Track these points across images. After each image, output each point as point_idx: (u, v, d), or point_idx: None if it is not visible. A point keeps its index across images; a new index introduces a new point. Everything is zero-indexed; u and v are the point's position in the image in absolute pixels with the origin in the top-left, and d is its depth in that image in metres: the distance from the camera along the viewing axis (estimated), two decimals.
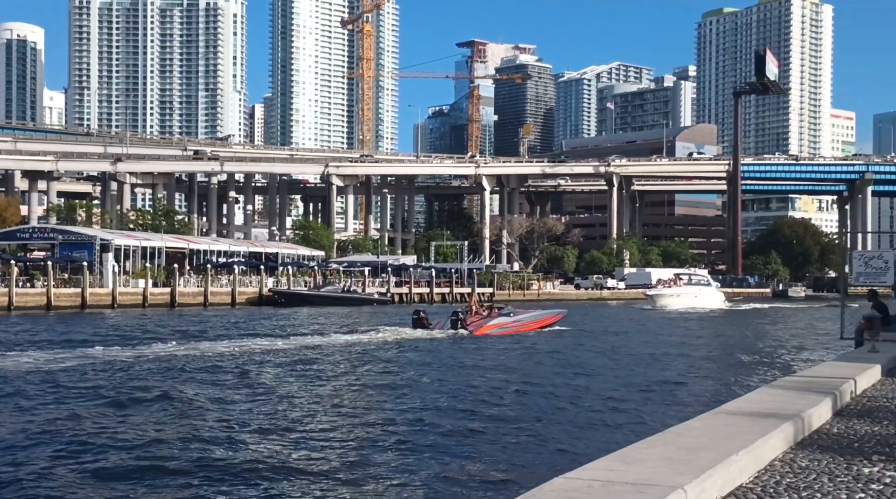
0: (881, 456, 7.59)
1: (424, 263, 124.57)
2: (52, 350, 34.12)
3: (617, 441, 13.99)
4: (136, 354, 32.97)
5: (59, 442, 16.70)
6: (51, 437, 17.19)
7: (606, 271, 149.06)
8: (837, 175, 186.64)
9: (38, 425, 18.38)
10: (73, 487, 13.79)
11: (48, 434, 17.45)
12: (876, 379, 13.15)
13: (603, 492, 5.19)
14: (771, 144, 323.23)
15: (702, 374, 30.74)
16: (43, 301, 68.39)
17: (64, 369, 28.04)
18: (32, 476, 14.23)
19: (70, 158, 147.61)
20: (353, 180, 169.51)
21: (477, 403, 22.26)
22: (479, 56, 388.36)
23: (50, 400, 21.95)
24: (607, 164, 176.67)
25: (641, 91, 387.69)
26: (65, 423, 18.66)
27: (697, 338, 50.02)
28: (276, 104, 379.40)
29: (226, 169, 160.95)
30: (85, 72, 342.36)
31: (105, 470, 14.69)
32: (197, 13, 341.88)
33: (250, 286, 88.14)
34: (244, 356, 33.31)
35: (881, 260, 20.12)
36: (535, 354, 36.97)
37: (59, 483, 13.91)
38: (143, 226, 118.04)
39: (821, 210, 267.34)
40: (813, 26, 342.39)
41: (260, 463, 15.12)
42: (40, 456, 15.62)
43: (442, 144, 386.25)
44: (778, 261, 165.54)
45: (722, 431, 7.28)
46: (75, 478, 14.24)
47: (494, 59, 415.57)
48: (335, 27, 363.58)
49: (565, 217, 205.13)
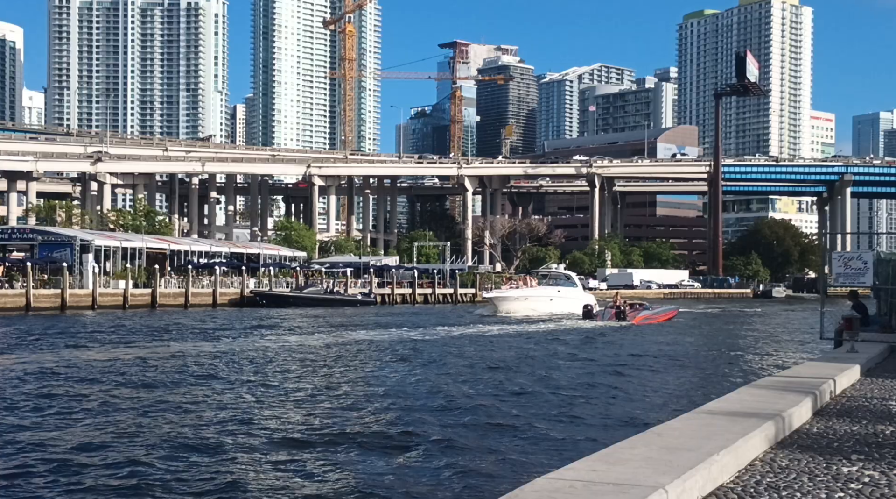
0: (860, 455, 7.64)
1: (407, 263, 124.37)
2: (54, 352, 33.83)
3: (601, 440, 14.00)
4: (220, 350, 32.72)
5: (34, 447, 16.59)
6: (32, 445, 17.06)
7: (588, 272, 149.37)
8: (817, 176, 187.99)
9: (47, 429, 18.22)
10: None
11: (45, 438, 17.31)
12: (855, 379, 13.24)
13: (585, 492, 5.19)
14: (751, 145, 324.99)
15: (681, 374, 30.85)
16: (22, 302, 67.76)
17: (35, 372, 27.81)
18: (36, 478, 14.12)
19: (49, 158, 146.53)
20: (335, 181, 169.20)
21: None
22: (461, 57, 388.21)
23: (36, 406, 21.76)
24: (589, 165, 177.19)
25: (623, 92, 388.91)
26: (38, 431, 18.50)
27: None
28: (258, 104, 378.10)
29: (207, 169, 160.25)
30: (65, 71, 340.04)
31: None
32: (178, 13, 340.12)
33: (232, 287, 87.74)
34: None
35: (860, 261, 20.25)
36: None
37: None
38: (123, 226, 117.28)
39: (801, 211, 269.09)
40: (793, 28, 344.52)
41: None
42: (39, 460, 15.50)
43: (424, 145, 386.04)
44: (758, 262, 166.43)
45: (703, 431, 7.31)
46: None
47: (477, 60, 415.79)
48: (317, 27, 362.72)
49: (547, 218, 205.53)
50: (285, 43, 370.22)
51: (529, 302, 71.51)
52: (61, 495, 13.50)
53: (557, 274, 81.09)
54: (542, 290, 75.11)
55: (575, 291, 75.96)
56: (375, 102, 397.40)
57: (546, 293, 74.10)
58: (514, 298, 71.86)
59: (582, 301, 73.88)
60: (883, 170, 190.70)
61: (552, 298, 73.18)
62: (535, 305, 71.03)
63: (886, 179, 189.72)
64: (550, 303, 72.35)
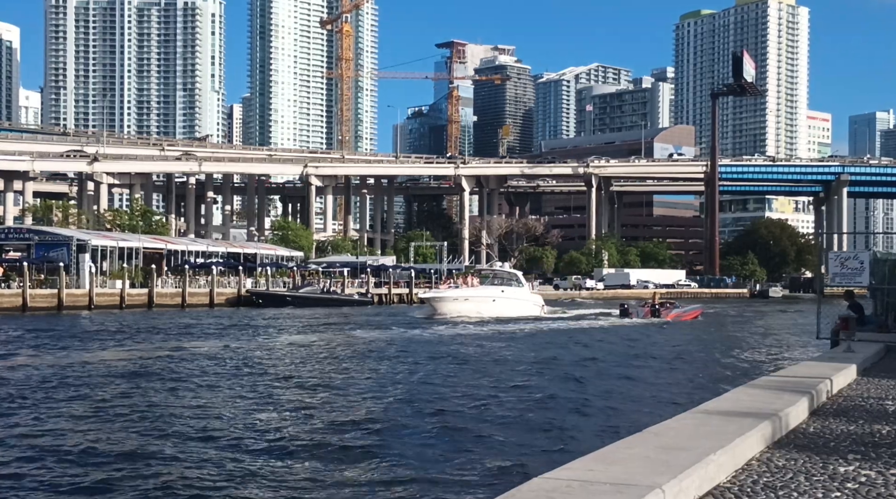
0: (857, 455, 7.65)
1: (404, 263, 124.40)
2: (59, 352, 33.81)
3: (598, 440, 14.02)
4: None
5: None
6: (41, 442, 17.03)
7: (585, 272, 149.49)
8: (814, 176, 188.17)
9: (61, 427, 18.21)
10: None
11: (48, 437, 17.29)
12: (852, 379, 13.25)
13: (582, 492, 5.19)
14: (748, 145, 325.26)
15: (677, 374, 30.88)
16: (19, 302, 67.69)
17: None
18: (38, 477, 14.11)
19: (46, 158, 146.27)
20: (332, 181, 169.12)
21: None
22: (458, 57, 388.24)
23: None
24: (586, 165, 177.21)
25: (620, 92, 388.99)
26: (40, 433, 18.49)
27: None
28: (255, 104, 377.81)
29: (204, 169, 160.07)
30: (61, 71, 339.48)
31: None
32: (175, 12, 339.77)
33: (228, 287, 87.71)
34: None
35: (857, 261, 20.28)
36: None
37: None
38: (120, 226, 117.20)
39: (797, 211, 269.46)
40: (789, 28, 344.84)
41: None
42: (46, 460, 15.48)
43: (421, 145, 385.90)
44: (755, 261, 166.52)
45: (700, 430, 7.31)
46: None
47: (474, 60, 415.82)
48: (314, 27, 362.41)
49: (544, 218, 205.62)
50: (282, 43, 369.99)
51: (470, 303, 66.08)
52: (61, 494, 13.50)
53: (502, 273, 74.71)
54: (485, 290, 69.54)
55: (521, 292, 71.21)
56: (372, 102, 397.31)
57: (489, 294, 68.60)
58: (453, 299, 66.40)
59: (529, 302, 70.58)
60: (879, 170, 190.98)
61: (495, 299, 67.88)
62: (476, 307, 65.69)
63: (883, 178, 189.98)
64: (494, 304, 67.03)
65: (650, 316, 63.62)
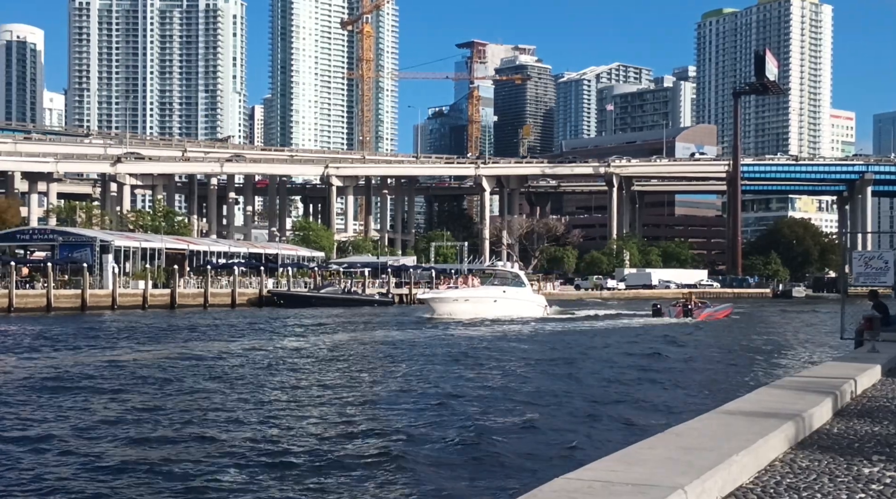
0: (881, 456, 7.59)
1: (424, 263, 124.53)
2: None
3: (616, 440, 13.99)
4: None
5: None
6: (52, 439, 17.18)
7: (606, 272, 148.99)
8: (837, 175, 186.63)
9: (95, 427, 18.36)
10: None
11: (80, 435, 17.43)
12: (876, 379, 13.14)
13: (603, 492, 5.18)
14: (771, 144, 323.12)
15: (700, 374, 30.74)
16: (43, 303, 68.31)
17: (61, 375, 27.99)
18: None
19: (70, 160, 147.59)
20: (352, 181, 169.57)
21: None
22: (478, 57, 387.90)
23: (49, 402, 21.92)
24: (607, 164, 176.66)
25: (641, 92, 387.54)
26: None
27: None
28: (276, 105, 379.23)
29: (226, 170, 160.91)
30: (85, 73, 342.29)
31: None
32: (196, 14, 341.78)
33: (250, 287, 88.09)
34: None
35: (881, 260, 20.11)
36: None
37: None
38: (142, 227, 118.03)
39: (821, 210, 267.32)
40: (812, 26, 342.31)
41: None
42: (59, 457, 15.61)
43: (442, 145, 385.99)
44: (778, 261, 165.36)
45: (722, 431, 7.28)
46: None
47: (494, 60, 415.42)
48: (335, 28, 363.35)
49: (565, 218, 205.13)
50: (303, 44, 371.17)
51: (470, 304, 64.77)
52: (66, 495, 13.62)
53: (504, 273, 73.51)
54: (486, 290, 68.48)
55: (522, 292, 69.66)
56: (393, 103, 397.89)
57: (490, 294, 67.51)
58: (453, 300, 65.04)
59: (532, 303, 68.97)
60: None
61: (496, 300, 66.79)
62: (477, 308, 64.47)
63: None
64: (495, 305, 65.99)
65: (682, 316, 64.80)
